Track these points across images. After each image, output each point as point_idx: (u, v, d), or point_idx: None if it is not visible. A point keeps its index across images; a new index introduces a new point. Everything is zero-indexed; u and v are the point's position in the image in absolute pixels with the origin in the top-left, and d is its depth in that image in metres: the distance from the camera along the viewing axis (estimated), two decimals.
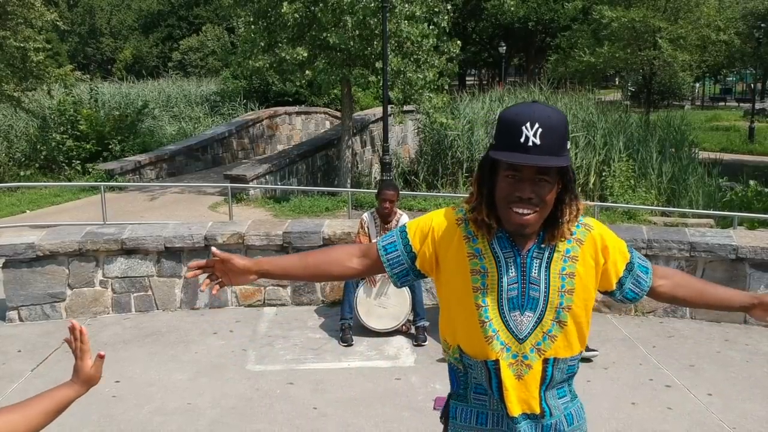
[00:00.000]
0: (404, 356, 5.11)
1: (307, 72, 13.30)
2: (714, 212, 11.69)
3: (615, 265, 1.83)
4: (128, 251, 6.08)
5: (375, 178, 16.67)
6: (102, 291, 6.11)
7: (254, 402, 4.38)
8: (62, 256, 5.98)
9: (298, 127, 20.31)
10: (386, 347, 5.27)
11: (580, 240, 1.78)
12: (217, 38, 41.99)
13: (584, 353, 4.79)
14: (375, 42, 13.03)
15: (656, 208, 12.50)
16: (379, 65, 12.71)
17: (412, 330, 5.44)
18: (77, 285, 6.05)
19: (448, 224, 1.82)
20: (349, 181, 14.38)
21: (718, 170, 16.32)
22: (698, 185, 14.32)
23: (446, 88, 14.97)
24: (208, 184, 13.10)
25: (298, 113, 20.55)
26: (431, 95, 13.73)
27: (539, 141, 1.60)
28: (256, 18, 13.30)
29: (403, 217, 5.54)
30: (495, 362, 1.75)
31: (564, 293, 1.75)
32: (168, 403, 4.37)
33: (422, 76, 13.30)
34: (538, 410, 1.77)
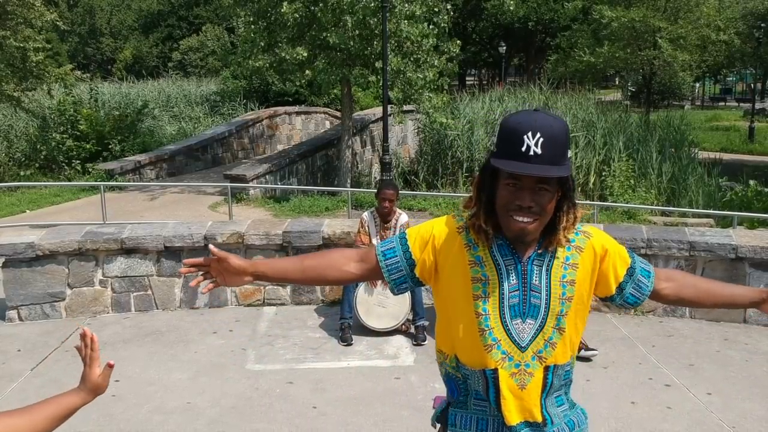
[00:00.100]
0: (404, 355, 5.12)
1: (307, 72, 13.30)
2: (714, 212, 11.69)
3: (615, 270, 1.82)
4: (128, 251, 6.09)
5: (375, 178, 16.66)
6: (102, 290, 6.11)
7: (254, 401, 4.38)
8: (62, 256, 5.98)
9: (298, 127, 20.31)
10: (386, 347, 5.27)
11: (580, 247, 1.79)
12: (217, 38, 42.00)
13: (584, 353, 4.83)
14: (375, 42, 13.03)
15: (656, 208, 12.50)
16: (379, 65, 12.71)
17: (412, 329, 5.44)
18: (77, 284, 6.06)
19: (449, 232, 1.82)
20: (349, 181, 14.38)
21: (718, 170, 16.31)
22: (698, 185, 14.32)
23: (446, 88, 14.98)
24: (208, 184, 13.11)
25: (298, 113, 20.55)
26: (431, 95, 13.73)
27: (540, 150, 1.60)
28: (256, 18, 13.30)
29: (402, 217, 5.55)
30: (493, 371, 1.74)
31: (564, 300, 1.75)
32: (167, 403, 4.38)
33: (422, 76, 13.30)
34: (540, 418, 1.76)
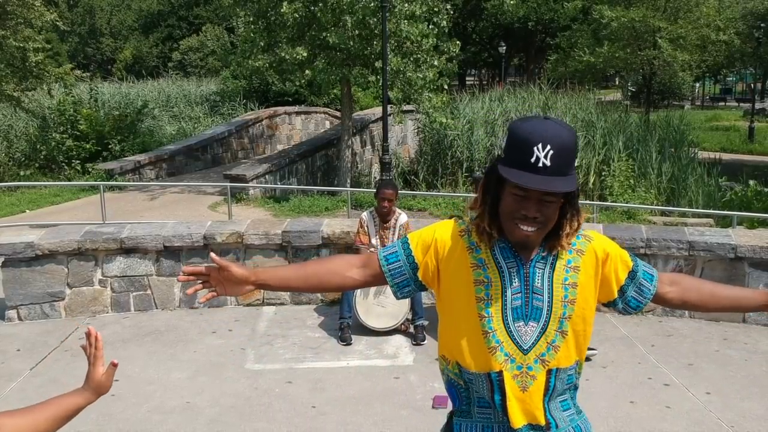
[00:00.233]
0: (403, 355, 5.12)
1: (307, 72, 13.29)
2: (714, 212, 11.70)
3: (616, 273, 1.82)
4: (127, 250, 6.09)
5: (375, 178, 16.65)
6: (101, 290, 6.11)
7: (253, 401, 4.38)
8: (61, 256, 5.98)
9: (298, 127, 20.31)
10: (385, 346, 5.27)
11: (581, 251, 1.79)
12: (217, 38, 41.97)
13: None
14: (375, 42, 13.03)
15: (656, 208, 12.50)
16: (379, 65, 12.71)
17: (411, 329, 5.44)
18: (76, 284, 6.06)
19: (451, 236, 1.82)
20: (349, 181, 14.38)
21: (718, 170, 16.30)
22: (698, 185, 14.32)
23: (446, 88, 14.94)
24: (208, 184, 13.12)
25: (298, 113, 20.55)
26: (431, 95, 13.73)
27: (549, 162, 1.60)
28: (256, 18, 13.30)
29: (402, 217, 5.55)
30: (498, 374, 1.74)
31: (567, 303, 1.75)
32: (167, 402, 4.38)
33: (422, 76, 13.30)
34: (543, 421, 1.76)
